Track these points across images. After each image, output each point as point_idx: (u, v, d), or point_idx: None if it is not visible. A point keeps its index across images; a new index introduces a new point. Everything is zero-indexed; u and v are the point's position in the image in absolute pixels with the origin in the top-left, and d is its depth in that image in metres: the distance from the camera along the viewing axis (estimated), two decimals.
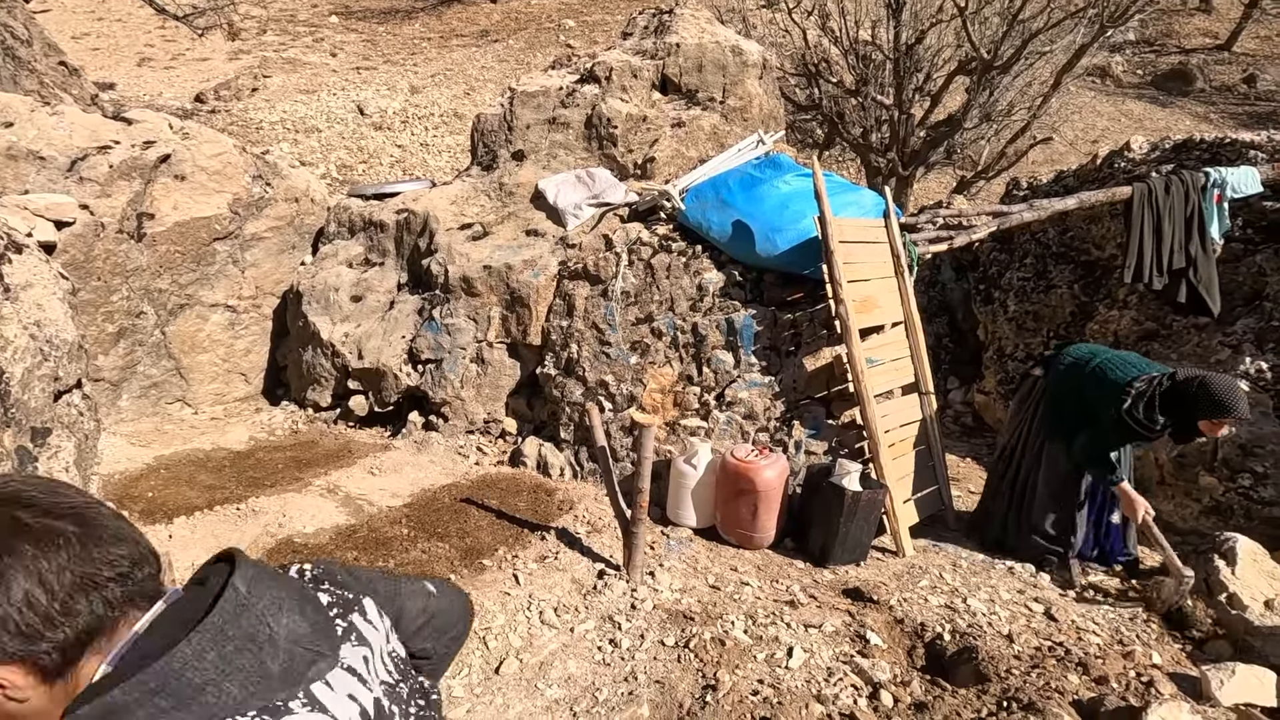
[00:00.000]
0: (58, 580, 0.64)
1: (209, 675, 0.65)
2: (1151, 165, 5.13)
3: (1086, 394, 3.25)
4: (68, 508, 0.67)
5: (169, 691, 0.63)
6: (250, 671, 0.67)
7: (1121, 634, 2.88)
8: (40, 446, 2.33)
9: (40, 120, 4.37)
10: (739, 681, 2.45)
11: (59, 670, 0.65)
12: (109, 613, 0.67)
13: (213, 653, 0.65)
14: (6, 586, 0.62)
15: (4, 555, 0.62)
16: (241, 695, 0.65)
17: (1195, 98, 14.58)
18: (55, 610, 0.63)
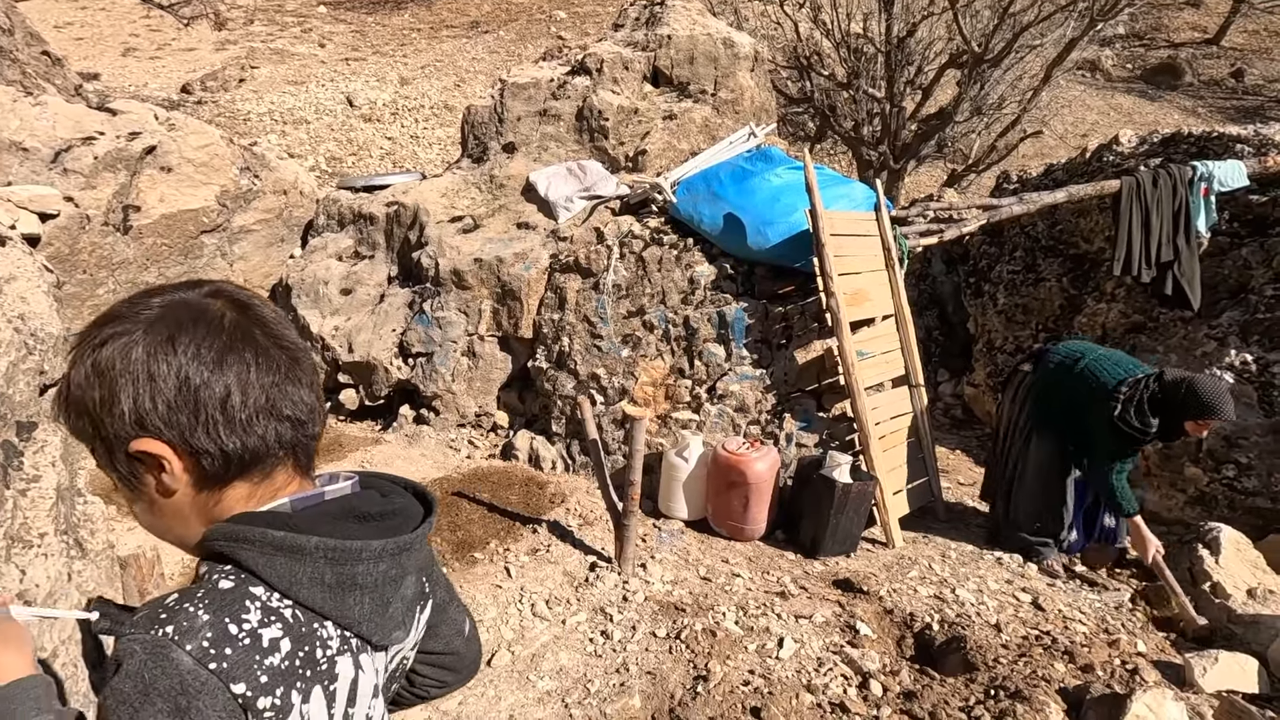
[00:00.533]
0: (254, 396, 0.67)
1: (371, 580, 0.70)
2: (1140, 159, 5.16)
3: (1077, 397, 3.27)
4: (289, 343, 0.72)
5: (339, 570, 0.68)
6: (383, 599, 0.72)
7: (1107, 623, 2.92)
8: (26, 441, 2.31)
9: (23, 111, 4.31)
10: (730, 672, 2.46)
11: (211, 480, 0.68)
12: (274, 448, 0.70)
13: (385, 566, 0.71)
14: (215, 379, 0.65)
15: (227, 356, 0.66)
16: (363, 614, 0.70)
17: (1184, 92, 14.68)
18: (239, 419, 0.67)
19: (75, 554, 2.39)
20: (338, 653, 0.69)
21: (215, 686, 0.60)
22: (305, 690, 0.65)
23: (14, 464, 2.16)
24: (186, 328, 0.66)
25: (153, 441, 0.66)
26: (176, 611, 0.62)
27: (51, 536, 2.16)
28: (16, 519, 2.03)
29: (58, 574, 2.08)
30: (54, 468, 2.39)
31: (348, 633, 0.70)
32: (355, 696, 0.71)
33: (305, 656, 0.66)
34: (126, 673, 0.60)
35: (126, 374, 0.64)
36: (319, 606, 0.67)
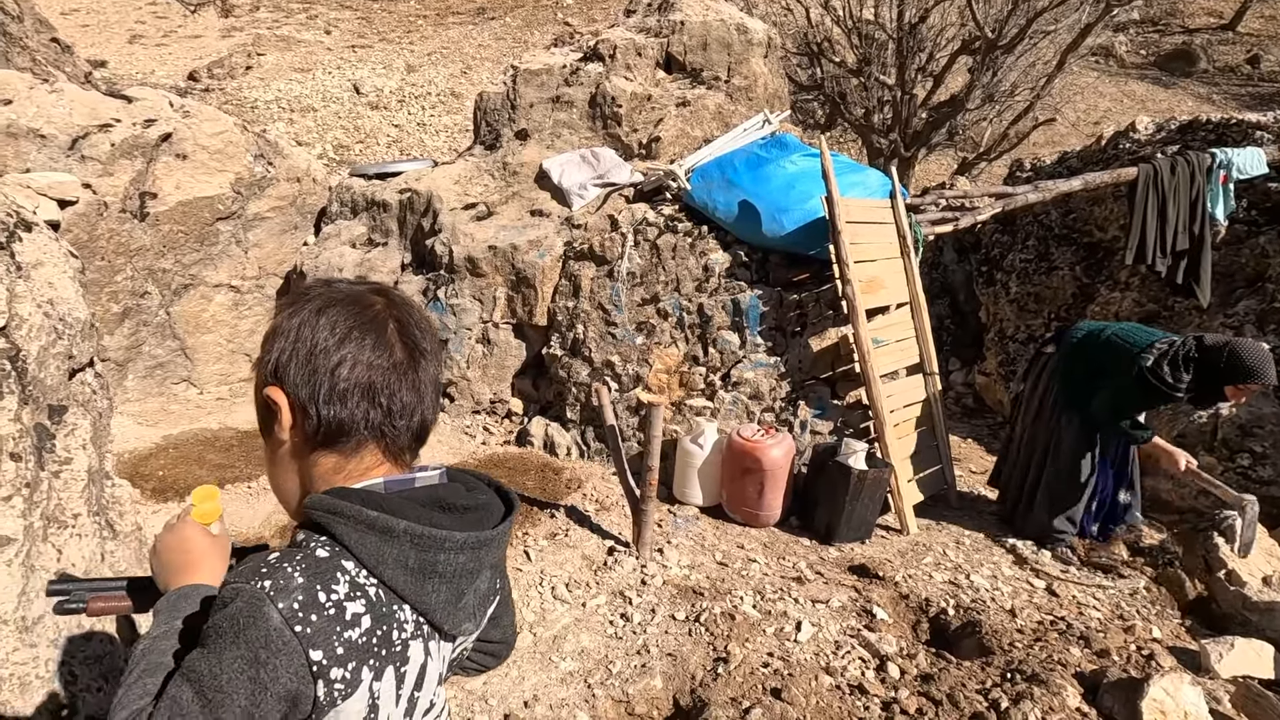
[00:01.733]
0: (360, 374, 0.75)
1: (450, 570, 0.74)
2: (1157, 146, 5.12)
3: (1102, 361, 3.27)
4: (416, 346, 0.79)
5: (422, 555, 0.72)
6: (458, 591, 0.77)
7: (1122, 609, 2.94)
8: (57, 424, 2.35)
9: (39, 97, 4.32)
10: (749, 654, 2.50)
11: (309, 439, 0.77)
12: (359, 427, 0.76)
13: (465, 559, 0.76)
14: (334, 351, 0.75)
15: (356, 332, 0.76)
16: (439, 602, 0.74)
17: (1198, 78, 14.51)
18: (338, 391, 0.75)
19: (107, 535, 2.43)
20: (412, 637, 0.73)
21: (295, 649, 0.64)
22: (378, 669, 0.69)
23: (47, 446, 2.19)
24: (337, 308, 0.77)
25: (276, 389, 0.76)
26: (276, 569, 0.67)
27: (85, 517, 2.20)
28: (52, 500, 2.06)
29: (92, 554, 2.12)
30: (84, 450, 2.43)
31: (422, 619, 0.74)
32: (423, 682, 0.75)
33: (382, 636, 0.70)
34: (226, 613, 0.66)
35: (283, 333, 0.77)
36: (401, 589, 0.71)
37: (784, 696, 2.30)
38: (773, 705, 2.26)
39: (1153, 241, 4.47)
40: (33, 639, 1.68)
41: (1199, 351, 3.01)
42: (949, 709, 2.26)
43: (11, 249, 2.28)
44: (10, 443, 1.87)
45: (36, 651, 1.67)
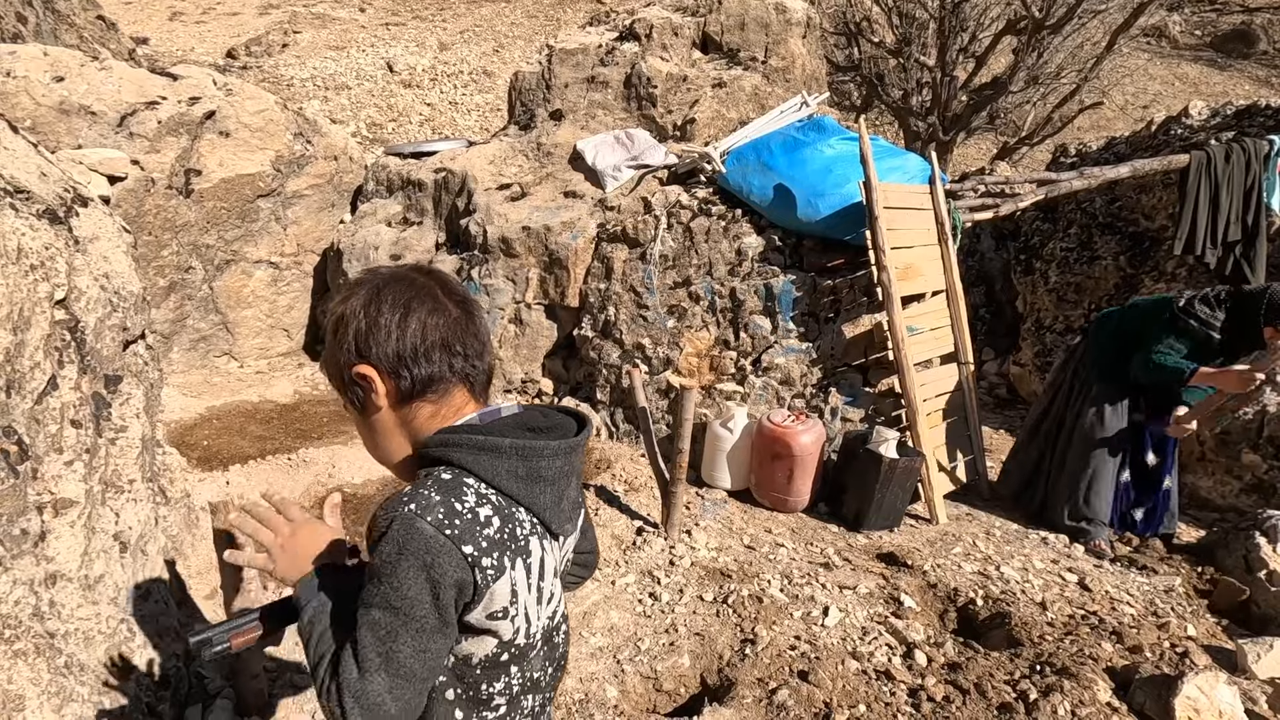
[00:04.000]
0: (434, 333, 0.89)
1: (550, 474, 0.89)
2: (1211, 132, 4.94)
3: (1129, 325, 3.28)
4: (462, 301, 0.93)
5: (529, 464, 0.87)
6: (559, 492, 0.91)
7: (1156, 605, 2.90)
8: (113, 393, 2.43)
9: (90, 75, 4.43)
10: (777, 637, 2.52)
11: (405, 397, 0.90)
12: (449, 374, 0.90)
13: (560, 463, 0.90)
14: (405, 321, 0.88)
15: (417, 303, 0.89)
16: (546, 503, 0.90)
17: (1257, 60, 13.89)
18: (421, 351, 0.88)
19: (159, 500, 2.53)
20: (530, 533, 0.88)
21: (450, 548, 0.79)
22: (513, 559, 0.85)
23: (104, 414, 2.28)
24: (391, 287, 0.90)
25: (364, 365, 0.88)
26: (415, 495, 0.81)
27: (139, 483, 2.29)
28: (109, 465, 2.15)
29: (146, 518, 2.21)
30: (138, 419, 2.52)
31: (535, 519, 0.89)
32: (544, 572, 0.90)
33: (509, 532, 0.85)
34: (386, 538, 0.80)
35: (352, 318, 0.89)
36: (515, 494, 0.86)
37: (810, 679, 2.32)
38: (799, 687, 2.28)
39: (1203, 231, 4.33)
40: (95, 597, 1.77)
41: (1236, 296, 3.00)
42: (976, 698, 2.26)
43: (69, 223, 2.35)
44: (71, 410, 1.95)
45: (99, 609, 1.76)
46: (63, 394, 1.95)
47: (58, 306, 2.07)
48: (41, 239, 2.02)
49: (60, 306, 2.10)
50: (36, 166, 2.45)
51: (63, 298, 2.12)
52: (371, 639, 0.80)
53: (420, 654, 0.81)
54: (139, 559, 2.03)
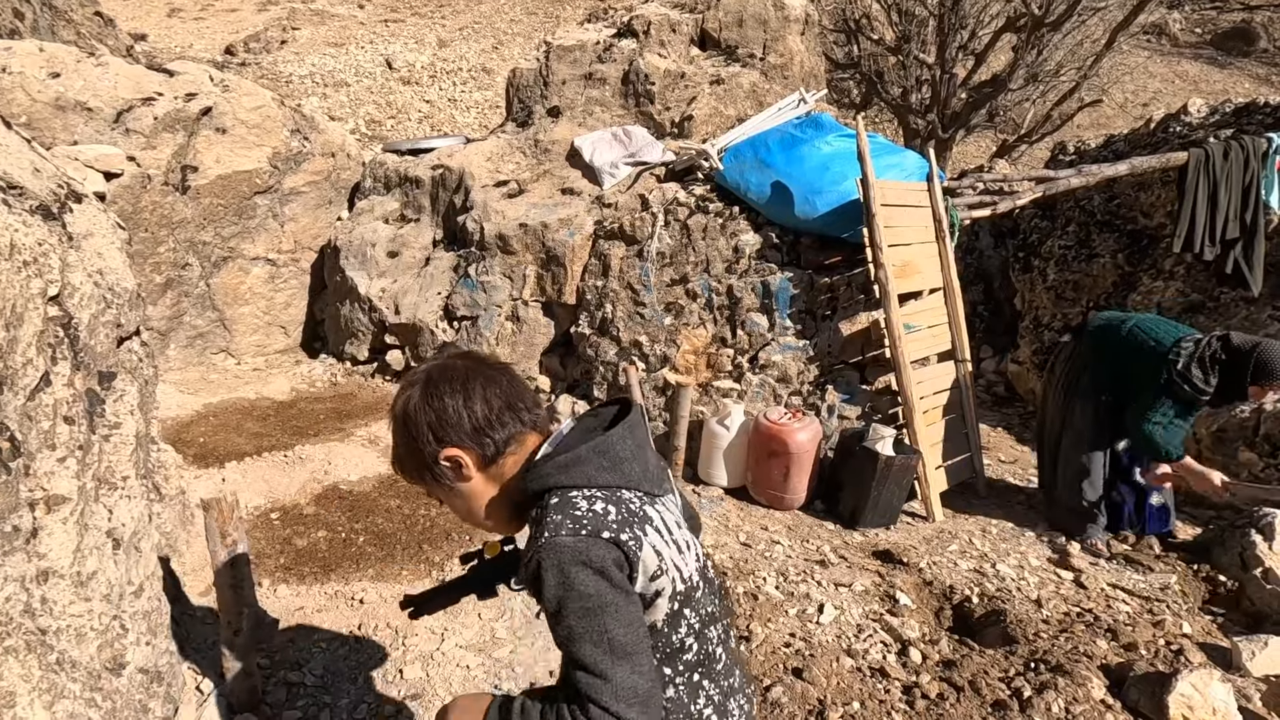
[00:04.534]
0: (497, 402, 1.03)
1: (627, 453, 1.01)
2: (1210, 130, 4.93)
3: (1122, 356, 3.22)
4: (502, 370, 1.08)
5: (607, 455, 1.00)
6: (643, 462, 1.04)
7: (1152, 604, 2.90)
8: (107, 390, 2.43)
9: (86, 71, 4.42)
10: (771, 634, 2.52)
11: (491, 460, 1.04)
12: (521, 428, 1.05)
13: (630, 440, 1.03)
14: (470, 401, 1.01)
15: (471, 383, 1.02)
16: (638, 476, 1.02)
17: (1257, 58, 13.87)
18: (495, 419, 1.03)
19: (154, 497, 2.52)
20: (643, 504, 1.00)
21: (594, 540, 0.91)
22: (642, 528, 0.96)
23: (98, 411, 2.28)
24: (442, 376, 1.03)
25: (451, 449, 1.02)
26: (542, 526, 0.93)
27: (133, 480, 2.28)
28: (102, 462, 2.15)
29: (140, 515, 2.21)
30: (132, 416, 2.52)
31: (637, 491, 1.01)
32: (669, 528, 1.02)
33: (628, 511, 0.97)
34: (542, 573, 0.91)
35: (418, 413, 1.02)
36: (613, 482, 0.99)
37: (805, 676, 2.32)
38: (794, 684, 2.29)
39: (1202, 229, 4.33)
40: (87, 593, 1.77)
41: (1226, 352, 2.95)
42: (970, 695, 2.26)
43: (63, 219, 2.35)
44: (64, 406, 1.95)
45: (91, 605, 1.76)
46: (56, 390, 1.95)
47: (51, 303, 2.06)
48: (35, 235, 2.02)
49: (53, 303, 2.10)
50: (30, 162, 2.44)
51: (56, 294, 2.11)
52: (589, 648, 0.90)
53: (628, 628, 0.91)
54: (132, 556, 2.03)
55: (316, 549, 2.88)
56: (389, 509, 3.21)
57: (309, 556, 2.82)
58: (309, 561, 2.79)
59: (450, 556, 2.93)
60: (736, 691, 1.13)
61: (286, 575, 2.71)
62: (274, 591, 2.63)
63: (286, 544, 2.89)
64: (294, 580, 2.69)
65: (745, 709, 1.14)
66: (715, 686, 1.07)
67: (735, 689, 1.12)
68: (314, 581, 2.69)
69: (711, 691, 1.06)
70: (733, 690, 1.11)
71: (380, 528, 3.06)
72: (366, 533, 3.02)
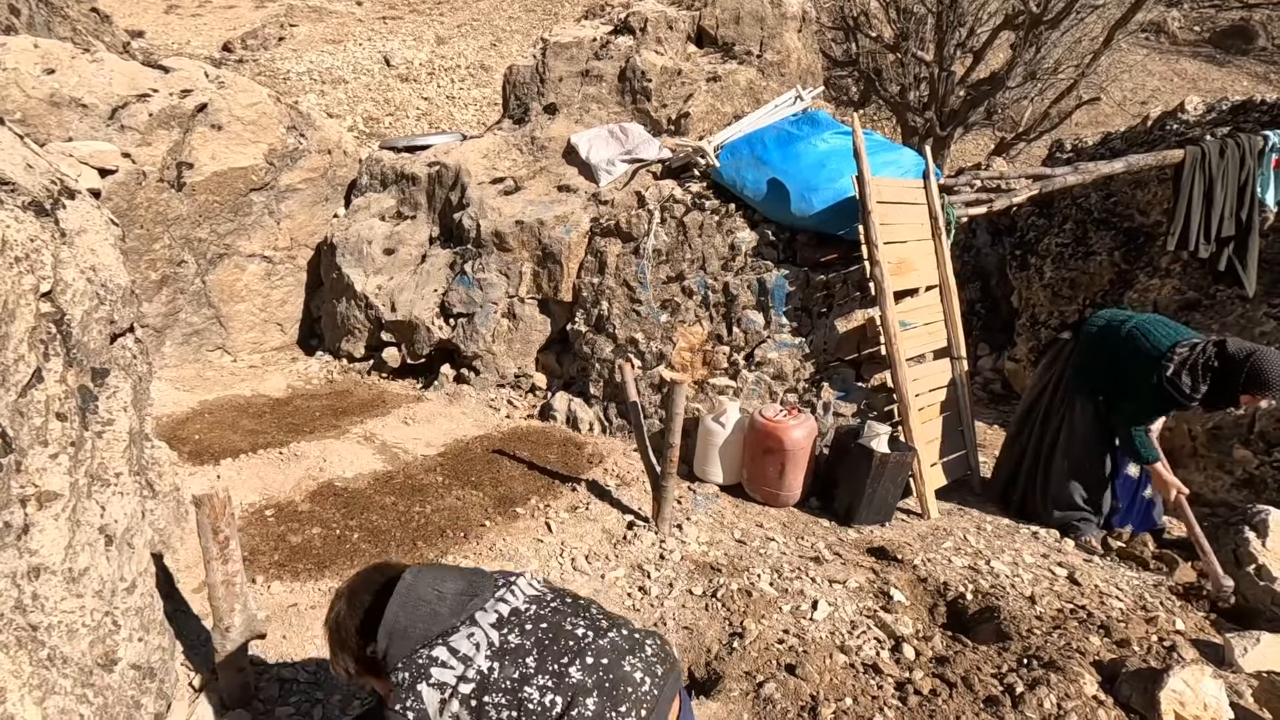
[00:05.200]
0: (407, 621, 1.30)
1: (404, 621, 1.27)
2: (1206, 128, 4.93)
3: (1120, 358, 3.22)
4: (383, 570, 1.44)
5: (394, 633, 1.27)
6: (417, 613, 1.27)
7: (1145, 599, 2.90)
8: (100, 386, 2.43)
9: (81, 67, 4.41)
10: (765, 630, 2.53)
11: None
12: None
13: (399, 603, 1.29)
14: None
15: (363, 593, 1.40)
16: (420, 632, 1.25)
17: (1255, 56, 13.87)
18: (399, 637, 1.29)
19: (147, 494, 2.52)
20: (430, 648, 1.26)
21: None
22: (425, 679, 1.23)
23: (91, 407, 2.27)
24: (340, 599, 1.42)
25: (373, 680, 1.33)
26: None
27: (126, 476, 2.28)
28: (95, 459, 2.15)
29: (133, 511, 2.21)
30: (125, 412, 2.52)
31: (426, 637, 1.27)
32: (462, 641, 1.26)
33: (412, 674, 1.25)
34: None
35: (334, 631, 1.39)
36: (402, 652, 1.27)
37: (798, 673, 2.32)
38: (786, 680, 2.29)
39: (1197, 227, 4.33)
40: (79, 590, 1.77)
41: (1220, 360, 2.96)
42: (963, 691, 2.27)
43: (56, 216, 2.34)
44: (56, 403, 1.95)
45: (82, 602, 1.76)
46: (48, 387, 1.94)
47: (43, 299, 2.06)
48: (27, 231, 2.01)
49: (46, 299, 2.09)
50: (22, 158, 2.43)
51: (48, 290, 2.10)
52: None
53: None
54: (125, 552, 2.03)
55: (311, 546, 2.88)
56: (384, 506, 3.21)
57: (303, 553, 2.82)
58: (303, 558, 2.79)
59: (444, 554, 2.93)
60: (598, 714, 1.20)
61: (280, 572, 2.71)
62: (268, 588, 2.63)
63: (281, 541, 2.89)
64: (288, 577, 2.69)
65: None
66: None
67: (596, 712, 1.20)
68: (308, 578, 2.69)
69: None
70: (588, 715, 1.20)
71: (375, 525, 3.06)
72: (361, 529, 3.02)
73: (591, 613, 1.33)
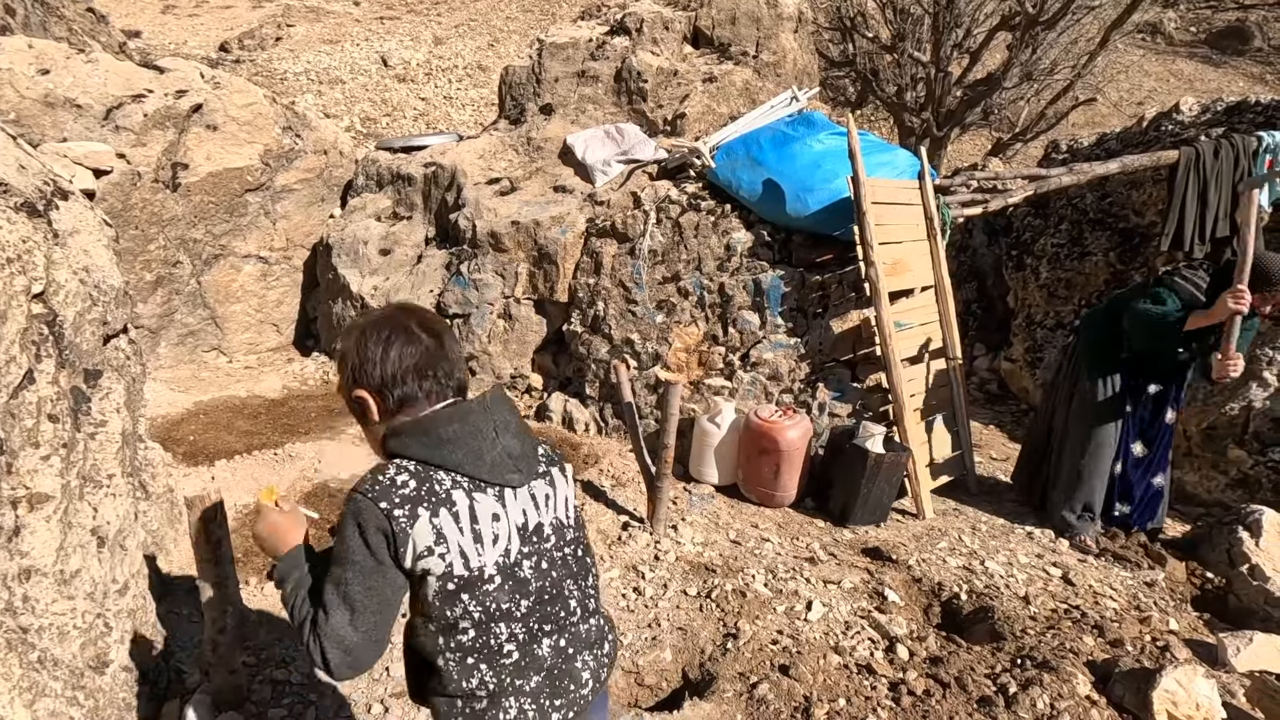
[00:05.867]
0: (409, 362, 1.14)
1: (450, 435, 1.12)
2: (1201, 128, 4.94)
3: (1118, 310, 3.29)
4: (433, 332, 1.18)
5: (429, 435, 1.11)
6: (471, 449, 1.13)
7: (1139, 600, 2.91)
8: (93, 388, 2.42)
9: (75, 68, 4.40)
10: (759, 631, 2.53)
11: (390, 412, 1.16)
12: (420, 392, 1.16)
13: (458, 425, 1.13)
14: (385, 352, 1.14)
15: (393, 339, 1.14)
16: (459, 459, 1.11)
17: (1251, 57, 13.90)
18: (399, 377, 1.14)
19: (140, 495, 2.52)
20: (452, 487, 1.10)
21: (370, 505, 1.05)
22: (431, 509, 1.07)
23: (83, 409, 2.27)
24: (375, 324, 1.16)
25: (360, 390, 1.16)
26: (363, 479, 1.09)
27: (119, 478, 2.28)
28: (88, 460, 2.14)
29: (126, 513, 2.20)
30: (118, 414, 2.51)
31: (456, 474, 1.11)
32: (476, 517, 1.11)
33: (427, 491, 1.08)
34: (342, 516, 1.08)
35: (347, 353, 1.17)
36: (430, 459, 1.10)
37: (791, 673, 2.33)
38: (780, 681, 2.29)
39: (1192, 227, 4.34)
40: (70, 591, 1.76)
41: (1218, 265, 3.09)
42: (956, 692, 2.27)
43: (49, 217, 2.34)
44: (48, 404, 1.94)
45: (74, 604, 1.75)
46: (40, 388, 1.94)
47: (35, 300, 2.05)
48: (19, 232, 2.00)
49: (38, 300, 2.09)
50: (15, 159, 2.43)
51: (40, 291, 2.10)
52: (330, 587, 1.06)
53: (367, 590, 1.04)
54: (117, 554, 2.02)
55: None
56: None
57: None
58: None
59: None
60: (534, 695, 1.14)
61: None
62: (261, 589, 2.63)
63: None
64: None
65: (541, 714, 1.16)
66: (496, 678, 1.12)
67: (532, 692, 1.14)
68: None
69: (488, 678, 1.12)
70: (524, 692, 1.14)
71: None
72: None
73: (585, 585, 1.25)
